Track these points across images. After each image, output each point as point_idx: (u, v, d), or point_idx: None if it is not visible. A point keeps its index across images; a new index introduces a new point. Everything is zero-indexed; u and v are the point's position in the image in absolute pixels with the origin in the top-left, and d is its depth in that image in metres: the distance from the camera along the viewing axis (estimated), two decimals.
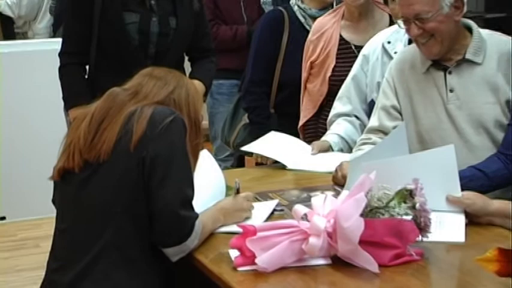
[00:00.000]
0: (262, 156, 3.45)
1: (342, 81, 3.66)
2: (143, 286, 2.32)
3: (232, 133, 4.29)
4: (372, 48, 3.56)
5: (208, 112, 5.25)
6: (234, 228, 2.45)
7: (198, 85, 2.55)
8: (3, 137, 5.43)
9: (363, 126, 3.43)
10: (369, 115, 3.41)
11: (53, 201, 2.51)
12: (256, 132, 3.91)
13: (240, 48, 5.11)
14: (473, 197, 2.60)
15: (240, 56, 5.00)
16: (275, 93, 4.26)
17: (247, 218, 2.56)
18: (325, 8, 4.20)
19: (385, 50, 3.48)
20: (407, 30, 2.95)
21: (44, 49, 5.06)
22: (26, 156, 5.21)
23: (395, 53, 3.41)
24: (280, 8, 4.48)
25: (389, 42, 3.48)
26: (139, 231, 2.31)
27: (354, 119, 3.55)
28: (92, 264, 2.28)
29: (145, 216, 2.30)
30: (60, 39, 3.50)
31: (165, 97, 2.40)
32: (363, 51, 3.61)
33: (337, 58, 3.85)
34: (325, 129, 3.65)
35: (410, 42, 3.30)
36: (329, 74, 3.85)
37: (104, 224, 2.30)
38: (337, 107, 3.61)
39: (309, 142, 3.60)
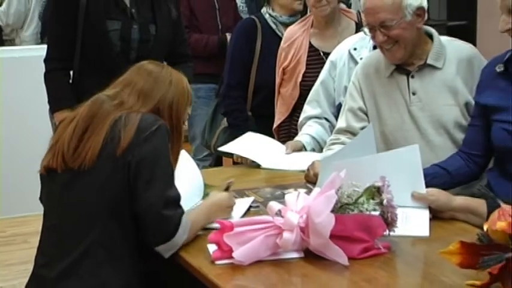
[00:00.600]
0: (240, 156, 3.44)
1: (312, 85, 3.66)
2: (128, 283, 2.31)
3: (212, 137, 4.28)
4: (338, 54, 3.56)
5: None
6: (212, 224, 2.44)
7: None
8: None
9: (332, 127, 3.44)
10: (337, 117, 3.40)
11: (40, 199, 2.48)
12: (235, 134, 3.91)
13: (213, 55, 5.11)
14: (437, 194, 2.61)
15: (217, 62, 5.02)
16: (251, 96, 4.26)
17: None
18: (294, 15, 4.20)
19: (351, 56, 3.48)
20: (373, 37, 2.96)
21: (31, 55, 5.01)
22: (14, 157, 5.18)
23: (361, 58, 3.41)
24: (252, 16, 4.49)
25: (355, 49, 3.48)
26: (125, 230, 2.30)
27: (323, 121, 3.55)
28: (79, 261, 2.26)
29: (130, 216, 2.29)
30: (46, 46, 3.47)
31: (149, 109, 2.38)
32: (330, 58, 3.61)
33: (307, 64, 3.85)
34: (298, 131, 3.64)
35: (375, 48, 3.31)
36: (300, 79, 3.85)
37: (89, 224, 2.28)
38: (307, 110, 3.61)
39: (283, 142, 3.60)
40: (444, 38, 3.09)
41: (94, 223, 2.28)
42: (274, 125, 3.96)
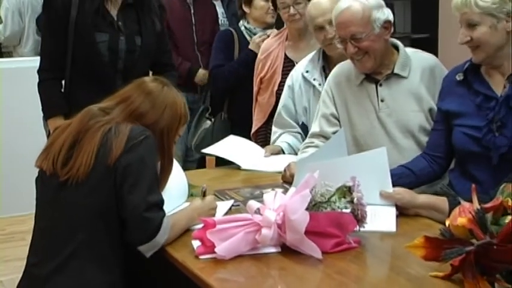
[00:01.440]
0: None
1: None
2: (113, 281, 2.30)
3: (193, 138, 4.28)
4: (294, 79, 3.55)
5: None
6: (196, 225, 2.43)
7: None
8: None
9: (303, 139, 3.43)
10: (301, 135, 3.46)
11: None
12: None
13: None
14: (403, 192, 2.63)
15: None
16: (228, 100, 4.27)
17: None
18: (267, 27, 4.21)
19: (305, 79, 3.48)
20: (345, 49, 2.97)
21: (28, 66, 4.98)
22: (13, 160, 5.15)
23: (314, 79, 3.43)
24: (229, 28, 4.52)
25: (307, 72, 3.48)
26: (111, 232, 2.29)
27: (296, 133, 3.54)
28: (67, 261, 2.25)
29: (116, 219, 2.28)
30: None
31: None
32: (287, 83, 3.59)
33: (282, 74, 3.84)
34: None
35: (324, 68, 3.38)
36: (276, 88, 3.85)
37: (78, 226, 2.27)
38: (277, 131, 3.60)
39: (261, 146, 3.60)
40: (409, 49, 3.11)
41: (82, 225, 2.27)
42: (252, 130, 3.96)
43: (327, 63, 3.46)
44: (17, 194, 3.94)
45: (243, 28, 4.31)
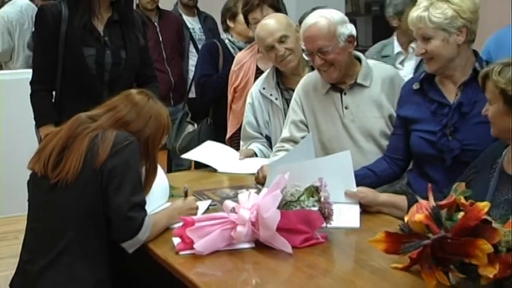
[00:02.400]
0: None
1: None
2: (100, 276, 2.28)
3: (177, 140, 4.25)
4: (253, 96, 3.52)
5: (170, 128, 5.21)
6: (177, 223, 2.41)
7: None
8: None
9: (270, 147, 3.43)
10: (268, 143, 3.45)
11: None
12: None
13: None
14: (366, 191, 2.63)
15: (162, 88, 5.02)
16: (213, 106, 4.25)
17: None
18: (250, 41, 4.20)
19: (263, 95, 3.45)
20: (312, 61, 2.97)
21: (21, 78, 4.93)
22: (7, 165, 5.10)
23: (271, 95, 3.42)
24: (214, 40, 4.50)
25: (264, 89, 3.45)
26: (98, 231, 2.27)
27: (263, 141, 3.51)
28: (57, 257, 2.23)
29: (103, 218, 2.27)
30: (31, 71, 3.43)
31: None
32: (248, 101, 3.56)
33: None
34: None
35: (279, 86, 3.36)
36: None
37: (67, 226, 2.25)
38: (244, 144, 3.55)
39: (235, 150, 3.58)
40: (370, 61, 3.12)
41: (72, 225, 2.25)
42: (227, 136, 3.94)
43: (280, 79, 3.45)
44: (10, 196, 3.91)
45: (227, 41, 4.29)
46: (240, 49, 4.13)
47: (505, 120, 2.18)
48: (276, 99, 3.40)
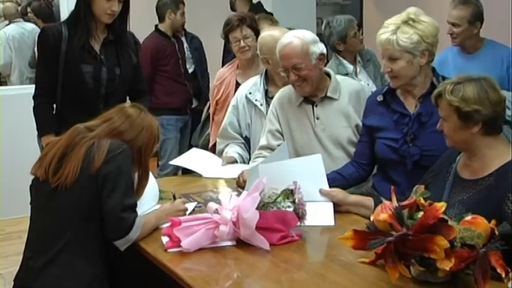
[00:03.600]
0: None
1: None
2: (96, 272, 2.25)
3: (200, 138, 4.23)
4: (238, 99, 3.49)
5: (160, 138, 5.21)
6: (165, 223, 2.39)
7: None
8: None
9: (246, 148, 3.41)
10: (244, 145, 3.42)
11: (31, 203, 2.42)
12: None
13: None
14: (337, 192, 2.63)
15: (183, 100, 5.13)
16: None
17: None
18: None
19: (248, 99, 3.43)
20: (287, 77, 2.96)
21: (23, 93, 4.90)
22: (11, 169, 5.07)
23: (256, 100, 3.39)
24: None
25: (250, 93, 3.43)
26: (95, 230, 2.25)
27: (240, 143, 3.47)
28: (57, 255, 2.21)
29: (99, 219, 2.24)
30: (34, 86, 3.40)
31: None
32: (232, 103, 3.53)
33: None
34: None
35: (267, 93, 3.34)
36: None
37: (67, 226, 2.23)
38: (222, 142, 3.51)
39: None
40: (339, 77, 3.13)
41: (70, 225, 2.23)
42: (210, 144, 3.92)
43: (269, 88, 3.43)
44: (14, 199, 3.86)
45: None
46: None
47: (460, 133, 2.19)
48: (261, 105, 3.37)
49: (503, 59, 3.71)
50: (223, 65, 4.52)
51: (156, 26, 5.23)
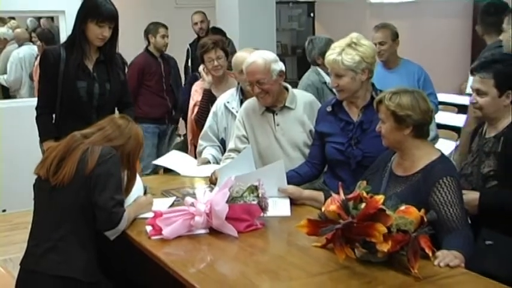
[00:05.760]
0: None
1: None
2: (90, 258, 2.22)
3: (169, 147, 4.17)
4: (217, 107, 3.45)
5: None
6: (149, 214, 2.35)
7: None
8: (3, 152, 5.24)
9: (221, 149, 3.37)
10: (222, 145, 3.38)
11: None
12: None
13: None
14: (293, 189, 2.62)
15: (163, 112, 5.02)
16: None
17: (151, 209, 2.45)
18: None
19: (226, 107, 3.39)
20: (252, 90, 2.95)
21: (28, 105, 4.81)
22: (16, 172, 4.97)
23: (232, 108, 3.36)
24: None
25: (228, 102, 3.39)
26: (88, 223, 2.22)
27: (216, 146, 3.42)
28: (56, 243, 2.18)
29: (91, 213, 2.21)
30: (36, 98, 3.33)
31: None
32: (212, 110, 3.48)
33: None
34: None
35: (242, 102, 3.29)
36: None
37: (64, 219, 2.20)
38: (203, 143, 3.45)
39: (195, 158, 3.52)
40: (295, 90, 3.11)
41: (67, 218, 2.20)
42: (189, 138, 3.84)
43: (244, 98, 3.41)
44: (20, 196, 3.76)
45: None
46: None
47: (395, 134, 2.22)
48: (237, 112, 3.33)
49: (414, 73, 3.91)
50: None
51: (147, 47, 5.18)
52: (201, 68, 3.82)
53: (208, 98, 3.72)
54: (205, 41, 3.82)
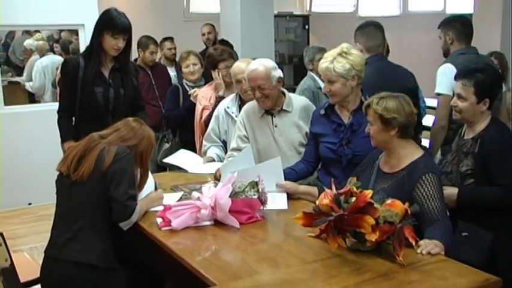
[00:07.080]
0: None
1: None
2: (106, 247, 2.21)
3: (158, 154, 4.12)
4: (219, 112, 3.42)
5: None
6: (160, 207, 2.35)
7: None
8: (25, 155, 5.25)
9: (224, 149, 3.35)
10: (222, 147, 3.36)
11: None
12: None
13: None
14: (290, 184, 2.61)
15: (157, 119, 4.83)
16: (179, 130, 4.13)
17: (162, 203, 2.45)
18: (196, 81, 4.09)
19: (226, 112, 3.38)
20: (253, 94, 2.94)
21: (50, 108, 4.81)
22: (42, 166, 4.94)
23: (232, 112, 3.34)
24: (176, 84, 4.39)
25: (228, 107, 3.38)
26: (105, 215, 2.21)
27: (219, 146, 3.42)
28: (76, 233, 2.19)
29: (107, 206, 2.21)
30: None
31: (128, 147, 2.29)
32: (214, 114, 3.46)
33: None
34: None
35: (240, 107, 3.27)
36: None
37: (83, 211, 2.20)
38: (206, 144, 3.44)
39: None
40: (291, 94, 3.10)
41: (86, 211, 2.20)
42: (198, 148, 3.82)
43: (242, 103, 3.40)
44: (44, 190, 3.75)
45: (184, 83, 4.18)
46: (191, 87, 4.02)
47: (382, 135, 2.21)
48: (236, 116, 3.33)
49: None
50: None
51: (135, 59, 5.04)
52: (216, 74, 3.77)
53: None
54: (220, 51, 3.76)
